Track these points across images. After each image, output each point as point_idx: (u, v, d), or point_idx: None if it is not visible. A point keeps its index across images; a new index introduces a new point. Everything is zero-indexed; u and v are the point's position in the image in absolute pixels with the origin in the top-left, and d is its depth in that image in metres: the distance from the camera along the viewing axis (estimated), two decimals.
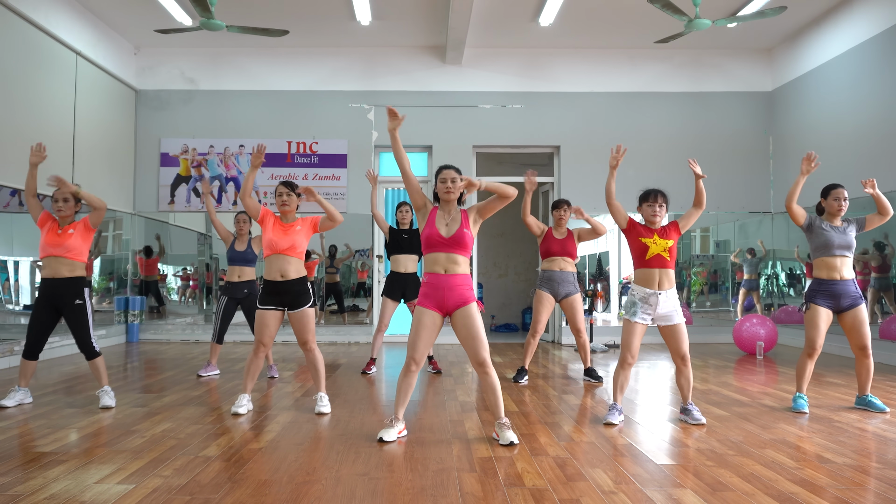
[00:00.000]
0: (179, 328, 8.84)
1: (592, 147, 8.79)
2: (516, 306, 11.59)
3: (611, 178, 4.15)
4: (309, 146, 8.90)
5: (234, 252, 5.72)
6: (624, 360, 4.02)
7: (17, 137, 6.46)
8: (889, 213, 4.35)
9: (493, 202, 3.61)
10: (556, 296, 5.49)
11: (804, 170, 4.39)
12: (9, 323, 6.78)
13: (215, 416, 4.12)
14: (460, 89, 8.98)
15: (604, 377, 5.67)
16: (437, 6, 7.67)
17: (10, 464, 3.08)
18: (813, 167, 4.37)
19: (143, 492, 2.70)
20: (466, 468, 3.07)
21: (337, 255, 8.95)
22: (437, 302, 3.54)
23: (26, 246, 6.98)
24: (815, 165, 4.36)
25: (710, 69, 9.08)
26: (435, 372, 5.98)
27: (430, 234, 3.57)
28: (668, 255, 3.98)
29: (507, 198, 3.57)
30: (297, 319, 4.22)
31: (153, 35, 8.26)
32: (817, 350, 4.32)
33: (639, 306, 4.00)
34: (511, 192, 3.55)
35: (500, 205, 3.61)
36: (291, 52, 8.95)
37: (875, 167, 7.10)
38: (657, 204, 4.05)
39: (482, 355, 3.52)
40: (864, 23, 7.35)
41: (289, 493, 2.70)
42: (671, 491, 2.77)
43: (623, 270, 9.19)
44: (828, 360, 6.83)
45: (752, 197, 9.02)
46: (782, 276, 8.99)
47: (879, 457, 3.30)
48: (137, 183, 8.90)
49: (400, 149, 3.68)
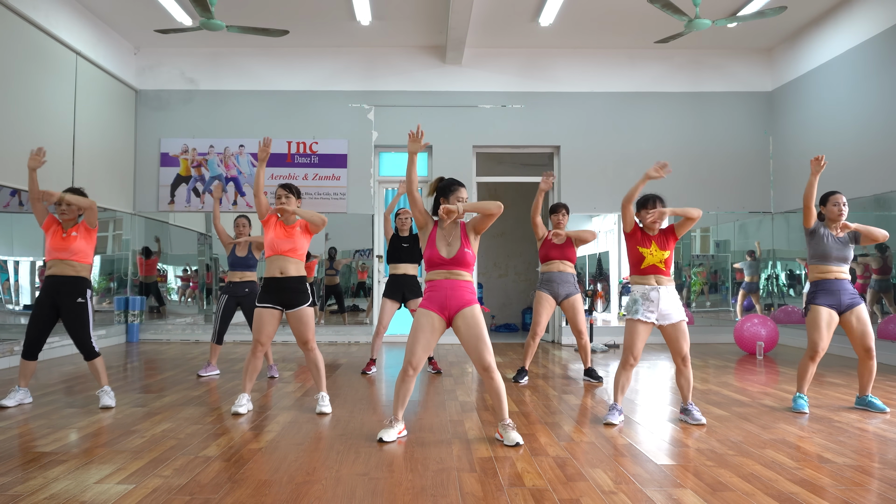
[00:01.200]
0: (179, 328, 8.84)
1: (592, 147, 8.80)
2: (516, 306, 11.59)
3: (641, 186, 3.93)
4: (309, 146, 8.90)
5: (236, 258, 5.74)
6: (626, 361, 4.02)
7: (17, 137, 6.47)
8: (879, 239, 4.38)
9: (482, 220, 3.59)
10: (557, 297, 5.49)
11: (815, 170, 4.37)
12: (9, 323, 6.78)
13: (215, 416, 4.11)
14: (460, 89, 8.98)
15: (604, 377, 5.67)
16: (437, 6, 7.67)
17: (10, 464, 3.08)
18: (822, 166, 4.36)
19: (143, 492, 2.70)
20: (466, 468, 3.06)
21: (336, 256, 8.95)
22: (440, 303, 3.54)
23: (26, 246, 6.98)
24: (823, 164, 4.36)
25: (710, 69, 9.08)
26: (435, 372, 5.98)
27: (431, 255, 3.57)
28: (663, 265, 4.01)
29: (491, 215, 3.53)
30: (297, 319, 4.22)
31: (153, 35, 8.26)
32: (819, 352, 4.30)
33: (640, 303, 4.00)
34: (494, 209, 3.50)
35: (489, 221, 3.58)
36: (291, 52, 8.95)
37: (875, 167, 7.10)
38: (656, 209, 4.05)
39: (487, 359, 3.51)
40: (864, 23, 7.35)
41: (289, 493, 2.70)
42: (671, 491, 2.77)
43: (623, 270, 9.19)
44: (828, 360, 6.82)
45: (752, 197, 9.02)
46: (782, 276, 8.99)
47: (880, 457, 3.30)
48: (137, 183, 8.90)
49: (414, 170, 3.70)
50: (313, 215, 4.22)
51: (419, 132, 3.68)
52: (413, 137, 3.66)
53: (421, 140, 3.67)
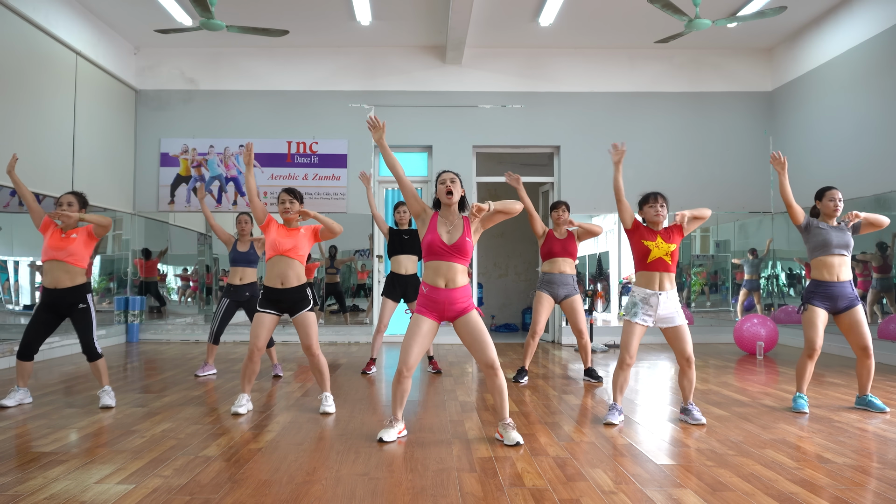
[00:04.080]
0: (179, 328, 8.84)
1: (592, 147, 8.79)
2: (516, 306, 11.59)
3: (617, 175, 4.13)
4: (309, 146, 8.90)
5: (237, 253, 5.72)
6: (623, 360, 4.02)
7: (17, 137, 6.47)
8: (882, 224, 4.40)
9: (497, 215, 3.61)
10: (556, 298, 5.50)
11: (778, 168, 4.46)
12: (9, 323, 6.78)
13: (215, 416, 4.11)
14: (460, 89, 8.98)
15: (604, 377, 5.67)
16: (437, 6, 7.67)
17: (10, 464, 3.08)
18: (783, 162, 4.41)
19: (143, 492, 2.70)
20: (466, 468, 3.06)
21: (337, 255, 8.95)
22: (438, 313, 3.57)
23: (26, 246, 6.98)
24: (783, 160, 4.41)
25: (710, 69, 9.08)
26: (435, 372, 5.98)
27: (433, 240, 3.55)
28: (669, 258, 3.98)
29: (512, 213, 3.59)
30: (300, 324, 4.22)
31: (153, 35, 8.26)
32: (817, 350, 4.31)
33: (639, 307, 4.00)
34: (517, 208, 3.58)
35: (502, 217, 3.62)
36: (291, 52, 8.95)
37: (875, 167, 7.10)
38: (658, 204, 4.04)
39: (490, 357, 3.52)
40: (864, 23, 7.35)
41: (289, 493, 2.70)
42: (671, 491, 2.77)
43: (623, 270, 9.19)
44: (828, 360, 6.83)
45: (752, 197, 9.02)
46: (782, 276, 8.99)
47: (879, 457, 3.30)
48: (137, 183, 8.90)
49: (390, 156, 3.67)
50: (332, 223, 4.21)
51: (376, 120, 3.64)
52: (373, 125, 3.64)
53: (383, 127, 3.64)
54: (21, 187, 4.51)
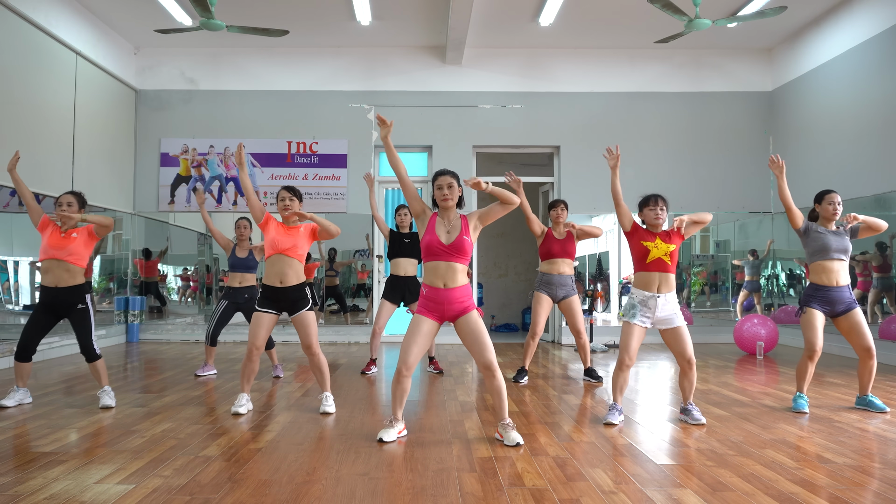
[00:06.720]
0: (179, 328, 8.84)
1: (592, 147, 8.78)
2: (516, 306, 11.59)
3: (614, 179, 4.17)
4: (309, 146, 8.90)
5: (236, 259, 5.70)
6: (622, 361, 4.02)
7: (17, 137, 6.46)
8: (881, 228, 4.40)
9: (496, 208, 3.59)
10: (555, 298, 5.50)
11: (776, 172, 4.49)
12: (9, 323, 6.78)
13: (215, 416, 4.11)
14: (460, 89, 8.98)
15: (603, 377, 5.67)
16: (437, 6, 7.67)
17: (9, 464, 3.08)
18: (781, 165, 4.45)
19: (143, 492, 2.70)
20: (466, 468, 3.06)
21: (336, 258, 8.95)
22: (438, 314, 3.56)
23: (26, 246, 6.98)
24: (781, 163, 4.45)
25: (710, 69, 9.08)
26: (436, 372, 5.98)
27: (431, 241, 3.54)
28: (668, 259, 3.98)
29: (510, 204, 3.56)
30: (299, 324, 4.22)
31: (153, 35, 8.26)
32: (817, 352, 4.32)
33: (638, 309, 4.00)
34: (514, 199, 3.54)
35: (502, 211, 3.59)
36: (291, 52, 8.95)
37: (875, 167, 7.10)
38: (658, 207, 4.04)
39: (488, 358, 3.51)
40: (864, 23, 7.35)
41: (289, 493, 2.70)
42: (671, 491, 2.77)
43: (623, 270, 9.19)
44: (828, 360, 6.83)
45: (752, 197, 9.02)
46: (782, 276, 8.99)
47: (880, 457, 3.30)
48: (137, 183, 8.90)
49: (394, 155, 3.66)
50: (329, 224, 4.19)
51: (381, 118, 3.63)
52: (382, 122, 3.61)
53: (390, 126, 3.62)
54: (21, 186, 4.51)
